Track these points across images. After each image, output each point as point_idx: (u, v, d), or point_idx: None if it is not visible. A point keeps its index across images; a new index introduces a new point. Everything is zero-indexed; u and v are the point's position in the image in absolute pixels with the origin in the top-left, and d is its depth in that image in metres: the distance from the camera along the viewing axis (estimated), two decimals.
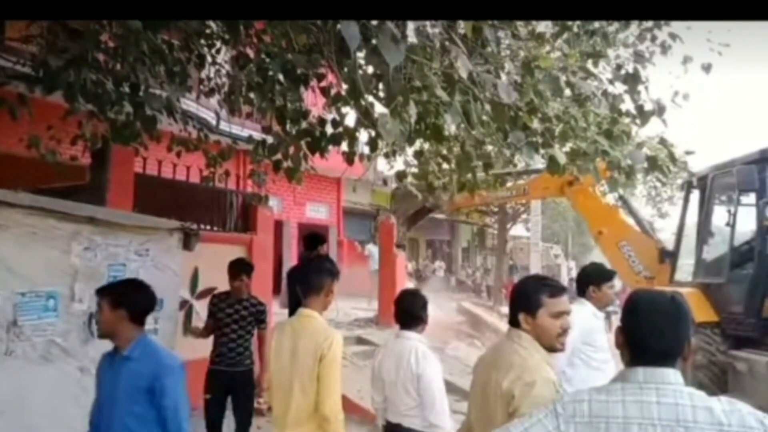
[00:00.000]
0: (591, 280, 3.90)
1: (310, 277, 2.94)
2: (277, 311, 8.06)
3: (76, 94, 4.08)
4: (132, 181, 6.30)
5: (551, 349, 2.15)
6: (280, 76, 4.25)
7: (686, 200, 8.61)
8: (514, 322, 2.19)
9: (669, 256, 8.60)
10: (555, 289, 2.18)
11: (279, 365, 2.89)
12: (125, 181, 6.10)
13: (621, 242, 9.25)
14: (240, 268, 4.69)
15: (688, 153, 7.79)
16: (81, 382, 3.48)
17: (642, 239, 9.22)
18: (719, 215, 7.61)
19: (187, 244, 4.30)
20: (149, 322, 4.00)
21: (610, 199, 10.17)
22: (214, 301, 4.75)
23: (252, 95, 4.80)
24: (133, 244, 3.95)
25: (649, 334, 1.59)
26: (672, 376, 1.56)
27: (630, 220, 9.78)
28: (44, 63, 4.05)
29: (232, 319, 4.63)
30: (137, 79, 4.30)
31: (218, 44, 4.96)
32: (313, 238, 5.56)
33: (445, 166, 5.79)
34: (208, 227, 7.31)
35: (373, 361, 3.52)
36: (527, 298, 2.16)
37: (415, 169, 6.22)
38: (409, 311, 3.36)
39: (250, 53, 4.57)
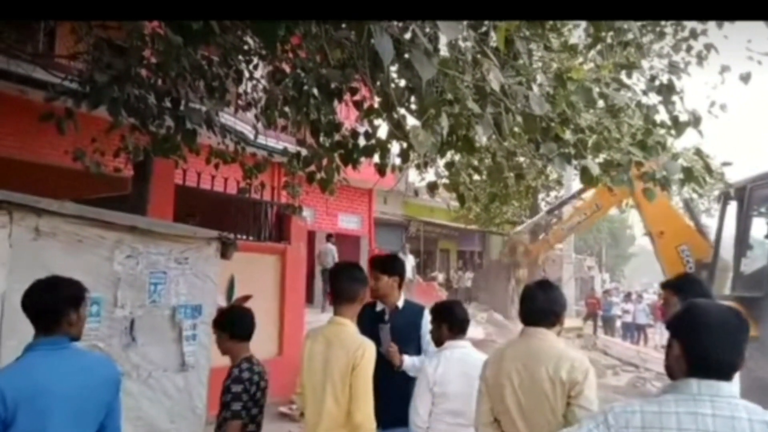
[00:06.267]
0: None
1: (343, 285, 2.96)
2: (310, 320, 8.15)
3: (120, 109, 4.24)
4: (172, 192, 6.49)
5: None
6: (315, 90, 4.35)
7: (723, 212, 8.43)
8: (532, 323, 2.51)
9: (706, 269, 8.42)
10: None
11: (311, 373, 2.90)
12: (166, 192, 6.29)
13: (681, 246, 9.14)
14: None
15: (725, 164, 7.66)
16: (123, 387, 3.59)
17: (702, 246, 9.08)
18: (758, 227, 7.43)
19: (224, 252, 4.40)
20: (188, 328, 4.16)
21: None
22: None
23: (287, 109, 4.91)
24: (173, 252, 4.07)
25: (711, 348, 1.57)
26: (727, 388, 1.55)
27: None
28: (90, 79, 4.24)
29: None
30: (178, 94, 4.46)
31: (255, 60, 5.10)
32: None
33: (476, 177, 5.81)
34: (244, 237, 7.46)
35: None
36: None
37: (446, 180, 6.25)
38: (464, 319, 3.36)
39: (286, 68, 4.69)
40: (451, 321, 3.31)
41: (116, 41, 4.60)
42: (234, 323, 3.18)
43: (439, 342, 3.36)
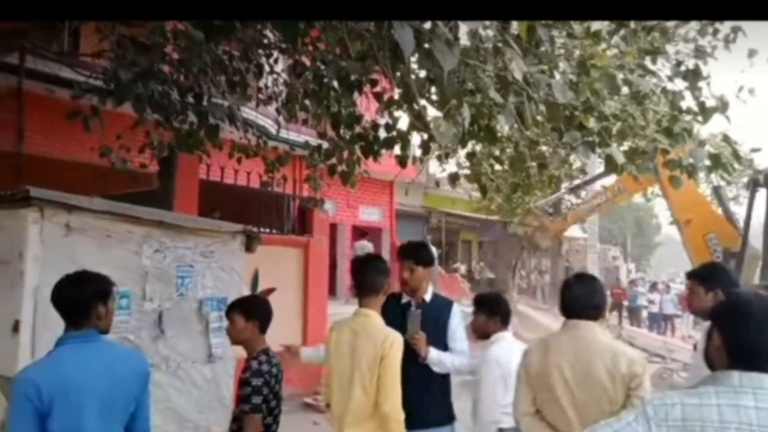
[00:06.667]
0: None
1: (369, 277, 2.96)
2: (333, 312, 8.21)
3: (144, 105, 4.30)
4: (197, 186, 6.57)
5: None
6: (335, 83, 4.36)
7: (752, 199, 8.25)
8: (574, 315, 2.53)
9: (734, 257, 8.27)
10: None
11: (338, 365, 2.90)
12: (191, 186, 6.37)
13: (708, 234, 9.00)
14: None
15: (754, 150, 7.46)
16: (153, 378, 3.66)
17: (730, 234, 8.92)
18: None
19: (248, 246, 4.45)
20: (215, 320, 4.22)
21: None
22: None
23: (308, 102, 4.94)
24: (199, 246, 4.13)
25: (754, 339, 1.55)
26: None
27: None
28: (115, 76, 4.30)
29: None
30: (200, 90, 4.51)
31: (276, 54, 5.12)
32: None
33: (498, 167, 5.77)
34: (268, 230, 7.53)
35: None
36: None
37: (467, 171, 6.23)
38: (509, 311, 3.47)
39: (306, 61, 4.70)
40: (500, 313, 3.41)
41: (139, 38, 4.65)
42: (263, 313, 3.09)
43: (485, 334, 3.43)
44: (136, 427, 2.37)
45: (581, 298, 2.55)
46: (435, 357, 3.22)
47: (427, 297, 3.38)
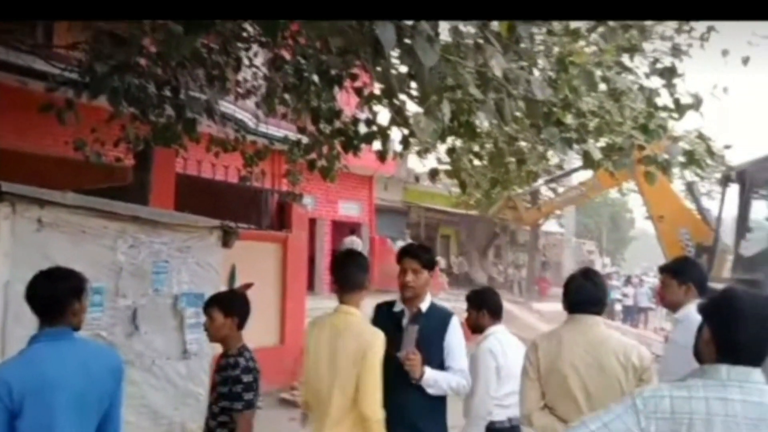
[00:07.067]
0: None
1: (350, 273, 2.88)
2: (311, 307, 8.19)
3: (120, 99, 4.23)
4: (173, 181, 6.49)
5: None
6: (315, 77, 4.33)
7: (724, 195, 8.44)
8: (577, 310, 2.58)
9: (706, 252, 8.45)
10: None
11: (317, 361, 2.81)
12: (167, 181, 6.29)
13: (680, 229, 9.19)
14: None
15: (726, 147, 7.62)
16: (127, 375, 3.62)
17: (701, 229, 9.12)
18: (758, 210, 7.44)
19: (225, 241, 4.42)
20: (191, 316, 4.18)
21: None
22: None
23: (287, 96, 4.90)
24: (175, 242, 4.08)
25: (744, 335, 1.58)
26: (757, 375, 1.57)
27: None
28: (90, 69, 4.21)
29: None
30: (178, 83, 4.44)
31: (255, 47, 5.06)
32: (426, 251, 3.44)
33: (477, 162, 5.80)
34: (246, 225, 7.47)
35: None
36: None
37: (447, 167, 6.25)
38: (501, 304, 3.51)
39: (286, 55, 4.66)
40: (492, 307, 3.46)
41: (116, 31, 4.56)
42: (242, 309, 3.03)
43: (479, 329, 3.46)
44: (109, 424, 2.34)
45: (586, 294, 2.59)
46: (430, 378, 2.82)
47: (424, 307, 2.97)
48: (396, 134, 4.47)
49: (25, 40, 5.80)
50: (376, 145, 4.45)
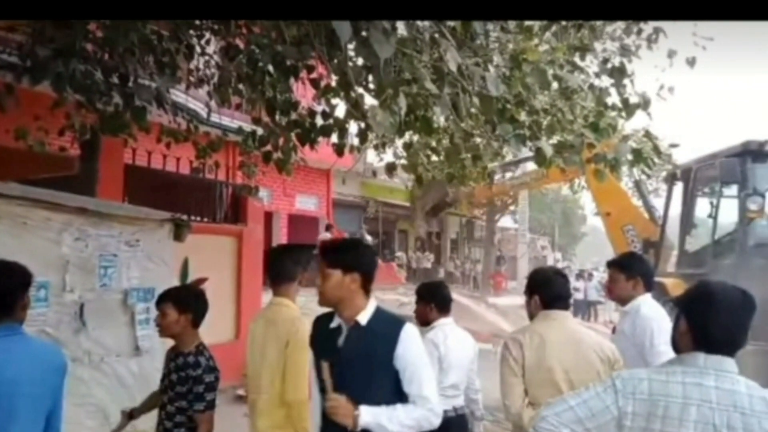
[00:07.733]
0: None
1: (284, 265, 2.97)
2: (267, 301, 8.09)
3: (65, 85, 4.06)
4: (122, 172, 6.30)
5: None
6: (270, 68, 4.26)
7: (670, 192, 8.74)
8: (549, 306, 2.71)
9: (652, 247, 8.74)
10: None
11: (252, 354, 2.95)
12: (115, 172, 6.09)
13: (626, 226, 9.47)
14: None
15: (672, 146, 7.93)
16: (74, 373, 3.50)
17: (647, 226, 9.41)
18: (702, 207, 7.75)
19: (177, 234, 4.31)
20: (141, 311, 4.07)
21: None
22: None
23: (241, 86, 4.80)
24: (123, 234, 3.96)
25: (719, 325, 1.65)
26: (730, 364, 1.64)
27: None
28: (32, 53, 4.03)
29: None
30: (126, 70, 4.30)
31: (207, 35, 4.94)
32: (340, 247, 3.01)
33: (434, 158, 5.84)
34: (199, 218, 7.31)
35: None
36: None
37: (404, 161, 6.26)
38: (451, 298, 3.58)
39: (240, 44, 4.56)
40: (440, 301, 3.51)
41: None
42: (197, 306, 2.89)
43: (426, 321, 3.50)
44: (52, 423, 2.27)
45: (560, 289, 2.76)
46: (371, 422, 2.03)
47: (363, 318, 2.17)
48: (353, 128, 4.45)
49: None
50: (334, 138, 4.41)
